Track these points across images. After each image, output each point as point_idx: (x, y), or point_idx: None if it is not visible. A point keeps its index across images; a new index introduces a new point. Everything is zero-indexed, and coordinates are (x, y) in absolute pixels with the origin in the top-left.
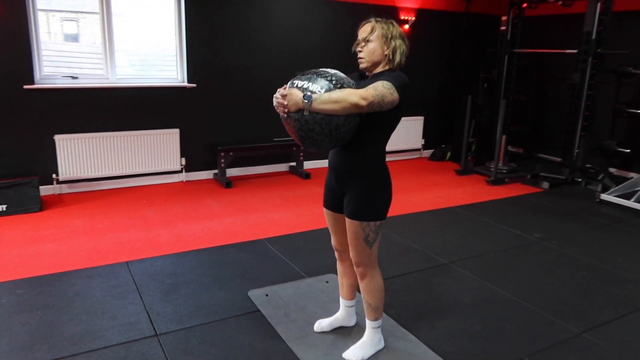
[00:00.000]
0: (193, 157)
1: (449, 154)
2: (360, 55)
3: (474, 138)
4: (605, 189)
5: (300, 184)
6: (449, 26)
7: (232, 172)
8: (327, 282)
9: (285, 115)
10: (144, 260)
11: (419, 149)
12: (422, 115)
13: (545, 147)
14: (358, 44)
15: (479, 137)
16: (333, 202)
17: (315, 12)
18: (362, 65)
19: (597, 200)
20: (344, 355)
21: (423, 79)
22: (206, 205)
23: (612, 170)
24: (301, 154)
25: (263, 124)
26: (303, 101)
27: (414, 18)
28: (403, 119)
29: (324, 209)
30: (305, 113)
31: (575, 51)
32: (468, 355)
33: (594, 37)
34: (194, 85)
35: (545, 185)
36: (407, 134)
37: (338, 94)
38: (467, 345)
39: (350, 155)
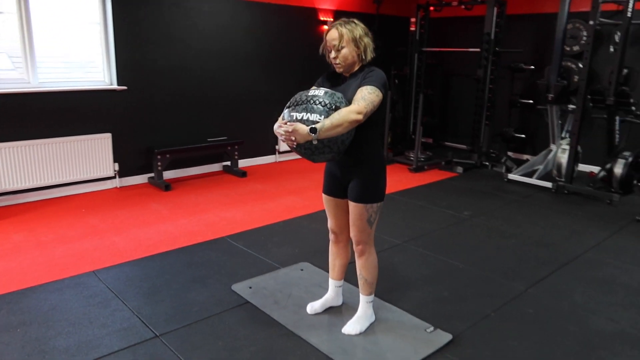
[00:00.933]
0: (127, 162)
1: None
2: (336, 62)
3: (390, 131)
4: (508, 170)
5: (239, 183)
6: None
7: (167, 174)
8: (301, 269)
9: (294, 146)
10: (111, 268)
11: None
12: None
13: (451, 136)
14: (330, 50)
15: (394, 129)
16: (335, 189)
17: (240, 13)
18: (339, 70)
19: (505, 180)
20: (344, 330)
21: None
22: (153, 210)
23: (510, 153)
24: (236, 153)
25: (196, 124)
26: (310, 134)
27: (332, 19)
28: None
29: (324, 195)
30: (314, 142)
31: (478, 50)
32: (445, 317)
33: (492, 37)
34: (125, 87)
35: (460, 169)
36: None
37: (337, 117)
38: (441, 309)
39: (354, 150)
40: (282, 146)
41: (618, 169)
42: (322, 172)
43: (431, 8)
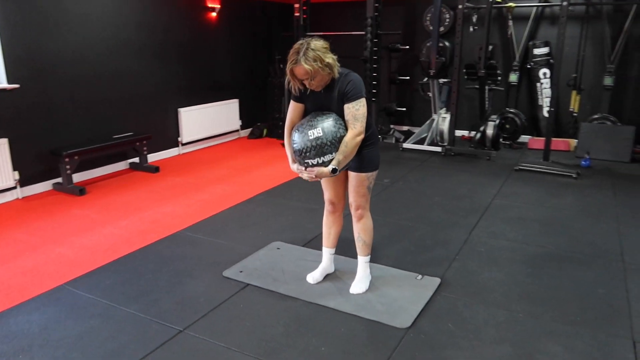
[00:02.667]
0: (28, 169)
1: (265, 131)
2: (312, 87)
3: (277, 113)
4: (397, 140)
5: (156, 178)
6: (249, 13)
7: (74, 178)
8: (278, 248)
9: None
10: (81, 278)
11: (237, 130)
12: (236, 98)
13: None
14: (300, 81)
15: (281, 111)
16: None
17: (130, 2)
18: (317, 90)
19: (401, 149)
20: (352, 291)
21: (233, 64)
22: (79, 216)
23: (392, 126)
24: (145, 148)
25: (98, 121)
26: (332, 174)
27: (219, 5)
28: (219, 103)
29: None
30: (336, 174)
31: (362, 33)
32: (422, 266)
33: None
34: (17, 85)
35: None
36: (225, 117)
37: (346, 149)
38: (415, 260)
39: None
40: (185, 138)
41: (489, 130)
42: (235, 161)
43: None
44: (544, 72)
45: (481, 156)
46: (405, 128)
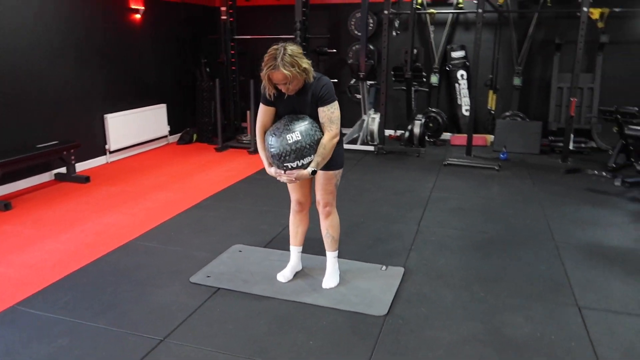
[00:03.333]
0: None
1: (195, 136)
2: (289, 92)
3: (206, 117)
4: None
5: (89, 189)
6: (174, 15)
7: None
8: (240, 251)
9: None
10: (34, 297)
11: (165, 136)
12: (164, 103)
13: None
14: (274, 87)
15: (211, 116)
16: None
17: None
18: (290, 94)
19: None
20: (324, 286)
21: (159, 68)
22: (13, 232)
23: None
24: (72, 157)
25: (17, 129)
26: (311, 175)
27: (143, 7)
28: (147, 108)
29: None
30: (313, 174)
31: (292, 36)
32: (383, 257)
33: (303, 25)
34: None
35: None
36: (153, 122)
37: (324, 151)
38: (375, 252)
39: None
40: (113, 145)
41: (417, 129)
42: (170, 167)
43: None
44: (461, 73)
45: (411, 153)
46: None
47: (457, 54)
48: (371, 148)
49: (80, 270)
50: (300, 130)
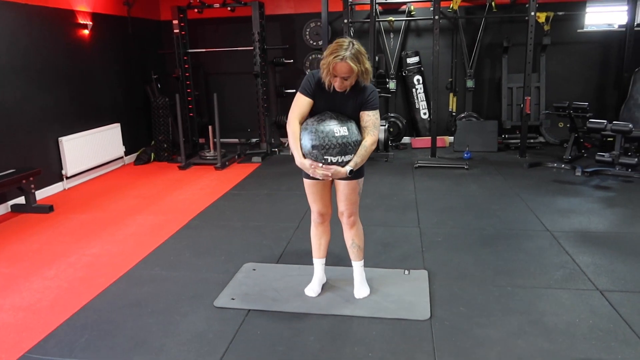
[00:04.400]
0: None
1: (153, 155)
2: (338, 88)
3: (163, 135)
4: None
5: (56, 219)
6: (122, 30)
7: None
8: (254, 269)
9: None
10: (44, 343)
11: (121, 157)
12: (117, 122)
13: (222, 133)
14: (334, 76)
15: (168, 133)
16: None
17: None
18: (340, 91)
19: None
20: (358, 296)
21: (110, 85)
22: None
23: (283, 140)
24: (32, 185)
25: None
26: (348, 175)
27: (91, 22)
28: (100, 129)
29: (311, 181)
30: (350, 174)
31: (250, 47)
32: (399, 261)
33: (261, 36)
34: None
35: (258, 159)
36: (108, 143)
37: (364, 153)
38: (389, 257)
39: None
40: (70, 170)
41: (382, 135)
42: (137, 190)
43: (196, 10)
44: (417, 78)
45: (379, 159)
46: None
47: (412, 60)
48: None
49: (87, 306)
50: (348, 126)
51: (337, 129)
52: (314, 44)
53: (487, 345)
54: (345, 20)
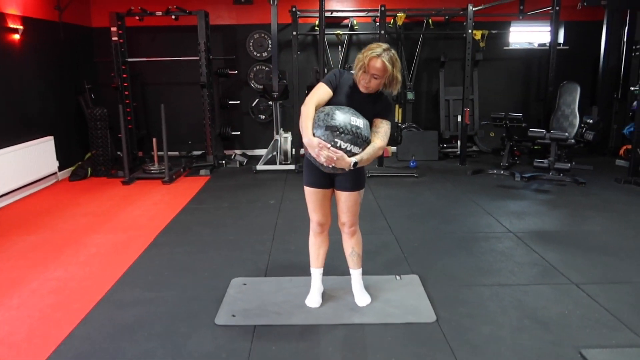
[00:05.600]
0: None
1: (90, 170)
2: (365, 86)
3: (101, 149)
4: (241, 164)
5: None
6: (54, 37)
7: None
8: (244, 284)
9: (330, 166)
10: None
11: (54, 173)
12: (50, 135)
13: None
14: (366, 72)
15: (107, 147)
16: (323, 182)
17: None
18: (364, 91)
19: (255, 171)
20: (361, 303)
21: (43, 95)
22: None
23: (235, 151)
24: None
25: None
26: (352, 166)
27: (22, 26)
28: (31, 143)
29: (313, 189)
30: (354, 167)
31: (196, 57)
32: (383, 267)
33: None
34: None
35: (205, 172)
36: (40, 158)
37: (371, 153)
38: (372, 264)
39: None
40: (0, 189)
41: None
42: (82, 208)
43: (137, 17)
44: None
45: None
46: (236, 152)
47: None
48: (291, 167)
49: (72, 335)
50: (363, 121)
51: (353, 118)
52: (258, 55)
53: (497, 341)
54: (295, 33)
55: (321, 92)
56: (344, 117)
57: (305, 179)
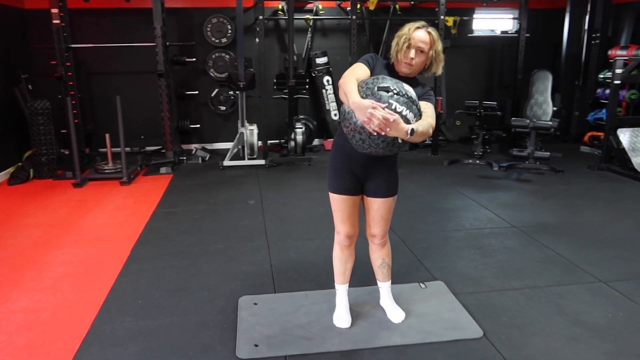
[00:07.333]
0: None
1: (32, 172)
2: (411, 63)
3: (45, 147)
4: (203, 160)
5: None
6: None
7: None
8: (255, 304)
9: (375, 134)
10: None
11: None
12: None
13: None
14: (410, 48)
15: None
16: (354, 188)
17: None
18: (405, 70)
19: (221, 167)
20: (396, 320)
21: None
22: None
23: (195, 145)
24: None
25: None
26: (406, 134)
27: None
28: None
29: (343, 196)
30: (400, 141)
31: (153, 44)
32: (400, 274)
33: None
34: None
35: (166, 170)
36: None
37: (426, 126)
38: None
39: None
40: None
41: (299, 137)
42: (32, 219)
43: None
44: (326, 79)
45: (300, 163)
46: (193, 146)
47: (321, 60)
48: (261, 162)
49: None
50: (415, 94)
51: (407, 87)
52: (217, 41)
53: (556, 354)
54: (261, 17)
55: (360, 70)
56: (394, 81)
57: (331, 184)
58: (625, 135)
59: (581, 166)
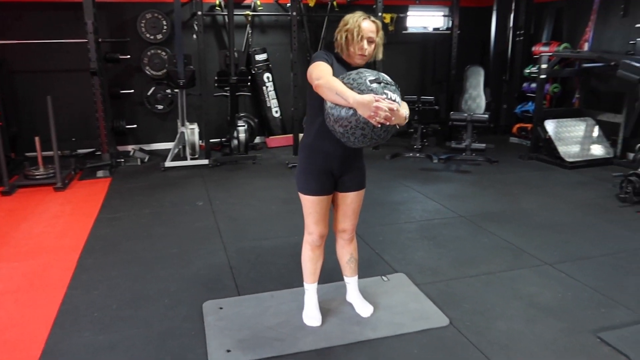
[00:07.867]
0: None
1: None
2: (364, 54)
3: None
4: (142, 161)
5: None
6: None
7: None
8: (220, 308)
9: (379, 126)
10: None
11: None
12: None
13: (30, 146)
14: (361, 39)
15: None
16: (329, 187)
17: None
18: (359, 61)
19: (163, 169)
20: (365, 314)
21: None
22: None
23: (119, 148)
24: None
25: None
26: (405, 120)
27: None
28: None
29: (319, 197)
30: (397, 127)
31: (84, 40)
32: (368, 269)
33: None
34: None
35: (103, 173)
36: None
37: (407, 110)
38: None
39: None
40: None
41: (242, 135)
42: None
43: None
44: (267, 76)
45: (244, 161)
46: (130, 148)
47: (261, 57)
48: (204, 162)
49: None
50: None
51: (386, 76)
52: (152, 37)
53: (519, 336)
54: (199, 13)
55: (328, 68)
56: (375, 72)
57: (305, 187)
58: (551, 126)
59: (513, 156)
